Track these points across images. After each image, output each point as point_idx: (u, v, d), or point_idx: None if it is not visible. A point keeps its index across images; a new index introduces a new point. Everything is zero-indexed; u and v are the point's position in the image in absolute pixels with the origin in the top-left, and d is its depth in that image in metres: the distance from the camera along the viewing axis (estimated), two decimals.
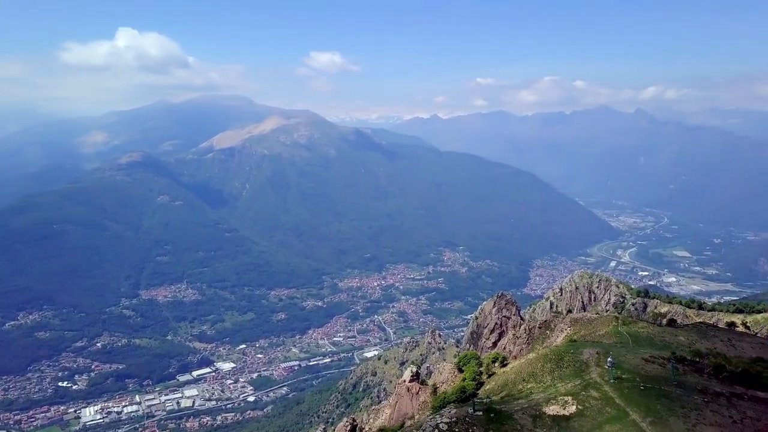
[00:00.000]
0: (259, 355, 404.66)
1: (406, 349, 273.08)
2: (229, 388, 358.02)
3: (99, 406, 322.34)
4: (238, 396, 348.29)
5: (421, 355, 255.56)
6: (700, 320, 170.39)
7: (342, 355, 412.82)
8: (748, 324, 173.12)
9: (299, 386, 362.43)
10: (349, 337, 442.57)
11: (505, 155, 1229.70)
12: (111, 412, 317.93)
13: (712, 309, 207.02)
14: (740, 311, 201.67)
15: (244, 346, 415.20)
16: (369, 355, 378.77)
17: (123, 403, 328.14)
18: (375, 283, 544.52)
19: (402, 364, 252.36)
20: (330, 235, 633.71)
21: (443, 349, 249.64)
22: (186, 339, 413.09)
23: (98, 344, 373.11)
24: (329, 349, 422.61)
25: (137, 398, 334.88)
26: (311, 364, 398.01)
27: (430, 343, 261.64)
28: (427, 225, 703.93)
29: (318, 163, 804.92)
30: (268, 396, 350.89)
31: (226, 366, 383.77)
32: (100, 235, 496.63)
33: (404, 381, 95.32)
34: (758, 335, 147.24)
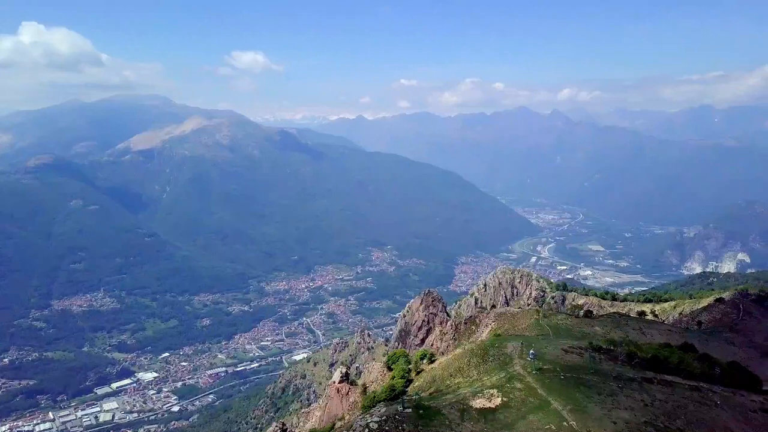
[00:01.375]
0: (184, 363, 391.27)
1: (336, 350, 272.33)
2: (152, 398, 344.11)
3: (7, 426, 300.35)
4: (162, 407, 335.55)
5: (350, 355, 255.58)
6: (614, 311, 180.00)
7: (270, 359, 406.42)
8: (656, 312, 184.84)
9: (226, 393, 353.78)
10: (277, 341, 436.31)
11: (429, 155, 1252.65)
12: (21, 431, 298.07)
13: (625, 300, 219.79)
14: (649, 301, 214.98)
15: (167, 354, 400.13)
16: (298, 358, 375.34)
17: (34, 422, 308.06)
18: (303, 285, 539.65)
19: (331, 365, 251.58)
20: (256, 237, 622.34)
21: (373, 348, 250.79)
22: (104, 350, 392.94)
23: (5, 360, 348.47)
24: (257, 354, 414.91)
25: (50, 415, 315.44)
26: (238, 369, 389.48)
27: (359, 343, 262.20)
28: (355, 225, 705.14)
29: (242, 164, 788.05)
30: (193, 405, 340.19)
31: (148, 376, 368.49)
32: (5, 244, 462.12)
33: (334, 382, 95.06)
34: (665, 322, 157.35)
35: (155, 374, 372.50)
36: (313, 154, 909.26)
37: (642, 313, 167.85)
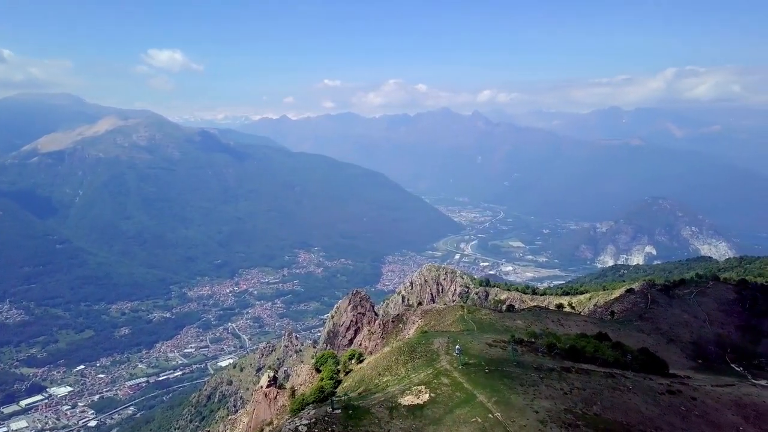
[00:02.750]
0: (101, 375, 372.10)
1: (263, 355, 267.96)
2: (66, 414, 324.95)
3: None
4: (77, 422, 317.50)
5: (278, 359, 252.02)
6: (535, 304, 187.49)
7: (195, 366, 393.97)
8: (573, 304, 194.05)
9: (148, 404, 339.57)
10: (201, 348, 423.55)
11: (355, 156, 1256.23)
12: None
13: (544, 293, 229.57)
14: (567, 294, 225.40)
15: (82, 367, 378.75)
16: (224, 364, 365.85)
17: None
18: (227, 290, 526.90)
19: (258, 370, 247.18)
20: (177, 241, 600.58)
21: (301, 351, 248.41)
22: (11, 365, 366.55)
23: None
24: (180, 362, 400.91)
25: None
26: (161, 379, 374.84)
27: (287, 347, 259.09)
28: (281, 227, 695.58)
29: (161, 165, 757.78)
30: (112, 418, 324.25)
31: (62, 390, 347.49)
32: None
33: (261, 387, 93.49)
34: (582, 314, 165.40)
35: (69, 388, 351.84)
36: (235, 155, 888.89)
37: (560, 306, 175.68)
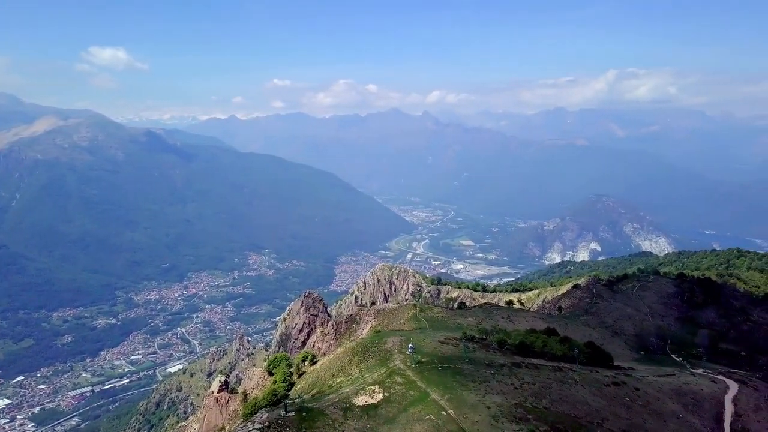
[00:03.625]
0: (42, 386, 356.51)
1: (214, 359, 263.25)
2: (4, 428, 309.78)
3: None
4: None
5: (229, 363, 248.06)
6: (485, 301, 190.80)
7: (142, 373, 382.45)
8: (522, 301, 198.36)
9: (93, 414, 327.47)
10: (149, 354, 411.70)
11: (306, 156, 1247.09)
12: None
13: (494, 290, 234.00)
14: (516, 290, 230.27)
15: (21, 378, 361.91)
16: (173, 370, 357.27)
17: None
18: (176, 294, 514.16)
19: (209, 375, 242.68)
20: (122, 245, 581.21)
21: (253, 354, 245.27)
22: None
23: None
24: (127, 370, 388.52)
25: None
26: (106, 388, 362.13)
27: (238, 350, 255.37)
28: (231, 229, 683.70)
29: (104, 167, 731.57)
30: (54, 430, 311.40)
31: None
32: None
33: (212, 392, 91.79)
34: (531, 310, 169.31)
35: (8, 401, 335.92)
36: (183, 156, 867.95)
37: (510, 302, 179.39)
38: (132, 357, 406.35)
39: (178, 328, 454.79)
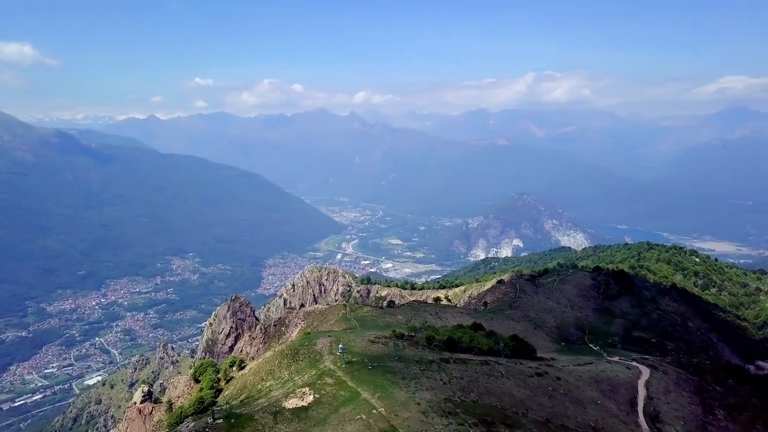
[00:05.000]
0: None
1: (136, 369, 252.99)
2: None
3: None
4: None
5: (153, 372, 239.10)
6: (414, 299, 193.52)
7: (57, 388, 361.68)
8: (449, 297, 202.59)
9: None
10: (64, 367, 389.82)
11: (230, 157, 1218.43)
12: None
13: (422, 288, 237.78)
14: (443, 287, 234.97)
15: None
16: (91, 382, 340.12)
17: None
18: (93, 302, 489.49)
19: (131, 385, 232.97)
20: (33, 252, 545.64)
21: (177, 362, 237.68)
22: None
23: None
24: (40, 384, 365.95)
25: None
26: (16, 405, 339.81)
27: (162, 358, 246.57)
28: (152, 233, 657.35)
29: (12, 170, 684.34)
30: None
31: None
32: None
33: (134, 403, 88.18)
34: (457, 306, 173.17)
35: None
36: (99, 158, 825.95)
37: (437, 299, 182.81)
38: (45, 371, 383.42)
39: (97, 338, 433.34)
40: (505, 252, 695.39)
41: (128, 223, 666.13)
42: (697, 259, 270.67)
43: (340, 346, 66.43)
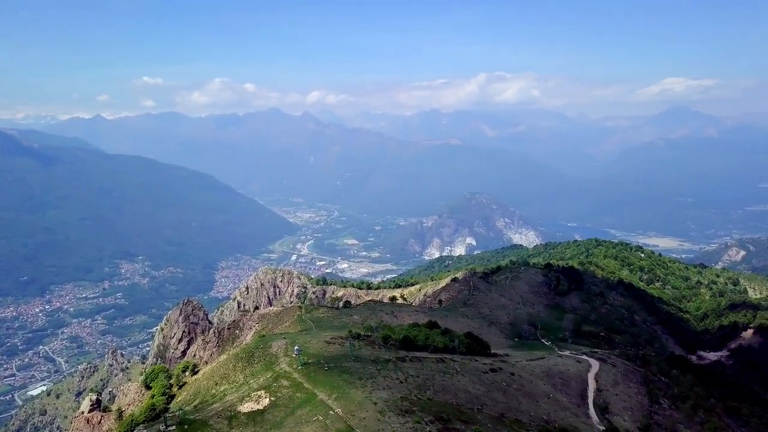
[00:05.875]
0: None
1: (83, 377, 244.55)
2: None
3: None
4: None
5: (101, 380, 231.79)
6: (370, 299, 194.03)
7: None
8: (405, 296, 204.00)
9: None
10: (6, 378, 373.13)
11: (181, 157, 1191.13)
12: None
13: (378, 288, 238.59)
14: (399, 286, 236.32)
15: None
16: (35, 392, 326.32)
17: None
18: (37, 309, 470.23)
19: (78, 394, 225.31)
20: None
21: (128, 368, 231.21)
22: None
23: None
24: None
25: None
26: None
27: (111, 366, 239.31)
28: (99, 236, 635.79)
29: None
30: None
31: None
32: None
33: (82, 412, 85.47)
34: (413, 304, 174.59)
35: None
36: (41, 159, 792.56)
37: (393, 298, 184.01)
38: None
39: (41, 347, 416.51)
40: (459, 250, 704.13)
41: (73, 226, 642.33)
42: (643, 255, 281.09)
43: (296, 347, 66.04)
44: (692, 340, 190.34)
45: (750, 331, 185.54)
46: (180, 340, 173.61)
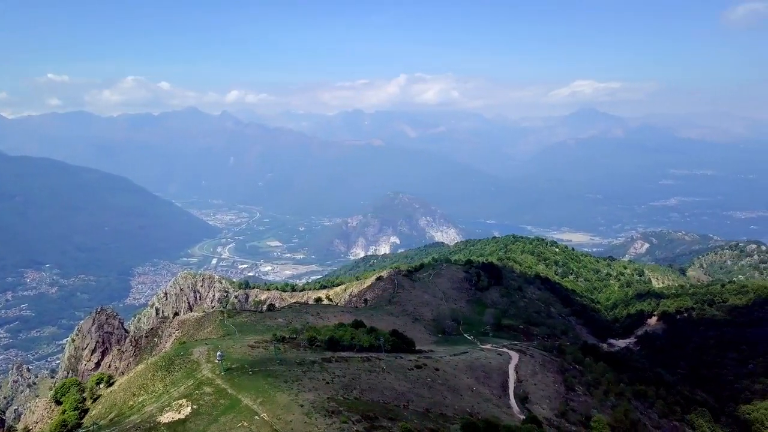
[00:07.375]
0: None
1: None
2: None
3: None
4: None
5: (5, 398, 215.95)
6: (294, 301, 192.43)
7: None
8: (330, 297, 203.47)
9: None
10: None
11: (92, 159, 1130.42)
12: None
13: (303, 289, 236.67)
14: (324, 287, 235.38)
15: None
16: None
17: None
18: None
19: None
20: None
21: (35, 384, 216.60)
22: None
23: None
24: None
25: None
26: None
27: (16, 382, 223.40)
28: (1, 244, 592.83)
29: None
30: None
31: None
32: None
33: None
34: (339, 304, 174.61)
35: None
36: None
37: (319, 299, 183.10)
38: None
39: None
40: (384, 249, 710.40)
41: None
42: (557, 250, 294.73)
43: (219, 353, 64.40)
44: (603, 329, 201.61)
45: (654, 319, 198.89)
46: (93, 351, 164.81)
